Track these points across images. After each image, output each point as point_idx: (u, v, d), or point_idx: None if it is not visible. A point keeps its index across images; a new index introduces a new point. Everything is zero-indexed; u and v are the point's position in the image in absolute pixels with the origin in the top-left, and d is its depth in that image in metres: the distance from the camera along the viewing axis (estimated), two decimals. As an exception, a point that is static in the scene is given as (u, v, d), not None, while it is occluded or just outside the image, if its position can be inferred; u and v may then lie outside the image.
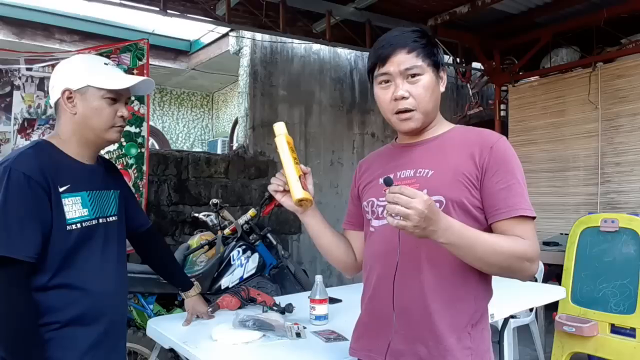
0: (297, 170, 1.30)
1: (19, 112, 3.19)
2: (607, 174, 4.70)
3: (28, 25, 5.60)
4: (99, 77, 1.38)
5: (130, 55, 3.43)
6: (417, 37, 1.22)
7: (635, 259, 2.95)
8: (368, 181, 1.37)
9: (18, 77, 3.17)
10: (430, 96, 1.22)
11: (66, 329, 1.32)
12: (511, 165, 1.17)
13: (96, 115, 1.38)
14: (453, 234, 1.05)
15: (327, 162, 5.56)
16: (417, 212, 0.98)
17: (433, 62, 1.23)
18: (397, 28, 1.29)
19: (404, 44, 1.21)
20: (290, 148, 1.33)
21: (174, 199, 4.42)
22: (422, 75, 1.21)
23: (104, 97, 1.39)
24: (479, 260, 1.11)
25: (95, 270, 1.39)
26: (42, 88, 3.23)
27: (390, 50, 1.21)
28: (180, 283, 1.91)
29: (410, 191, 1.00)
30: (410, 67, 1.20)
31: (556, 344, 3.21)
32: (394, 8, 4.56)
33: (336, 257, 1.43)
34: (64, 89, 1.37)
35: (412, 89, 1.21)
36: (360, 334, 1.33)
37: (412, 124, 1.24)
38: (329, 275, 5.23)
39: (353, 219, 1.45)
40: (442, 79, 1.27)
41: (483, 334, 1.22)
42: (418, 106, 1.21)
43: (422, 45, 1.22)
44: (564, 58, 5.19)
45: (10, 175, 1.24)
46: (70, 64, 1.43)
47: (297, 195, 1.27)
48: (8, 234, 1.22)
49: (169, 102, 8.54)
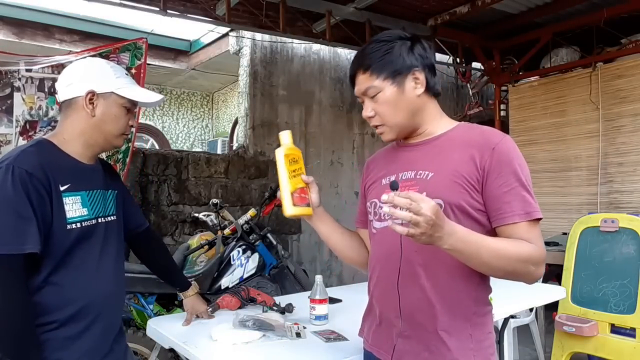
0: (292, 184, 1.31)
1: (20, 114, 3.16)
2: (610, 174, 4.70)
3: (28, 25, 5.60)
4: (123, 86, 1.42)
5: (129, 55, 3.43)
6: (372, 51, 1.22)
7: (635, 259, 2.95)
8: (372, 181, 1.37)
9: (18, 79, 3.14)
10: (394, 109, 1.22)
11: (63, 328, 1.32)
12: (514, 167, 1.14)
13: (113, 122, 1.42)
14: (458, 240, 1.03)
15: (327, 162, 5.55)
16: (426, 219, 0.96)
17: (391, 73, 1.20)
18: (369, 40, 1.29)
19: (359, 65, 1.24)
20: (289, 160, 1.34)
21: (174, 199, 4.42)
22: (380, 93, 1.22)
23: (124, 105, 1.43)
24: (484, 265, 1.10)
25: (93, 270, 1.39)
26: (42, 89, 3.21)
27: (352, 72, 1.26)
28: (178, 283, 1.91)
29: (417, 197, 0.98)
30: (366, 89, 1.23)
31: (556, 344, 3.21)
32: (393, 8, 4.56)
33: (349, 256, 1.45)
34: (88, 90, 1.38)
35: (376, 107, 1.24)
36: (370, 329, 1.34)
37: (387, 136, 1.27)
38: (329, 275, 5.23)
39: (363, 217, 1.44)
40: (416, 81, 1.22)
41: (486, 335, 1.21)
42: (385, 121, 1.24)
43: (378, 59, 1.21)
44: (564, 58, 5.19)
45: (13, 172, 1.24)
46: (96, 66, 1.44)
47: (287, 212, 1.30)
48: (9, 231, 1.22)
49: (168, 102, 8.53)
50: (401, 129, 1.25)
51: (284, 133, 1.38)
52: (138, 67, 3.47)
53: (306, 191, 1.35)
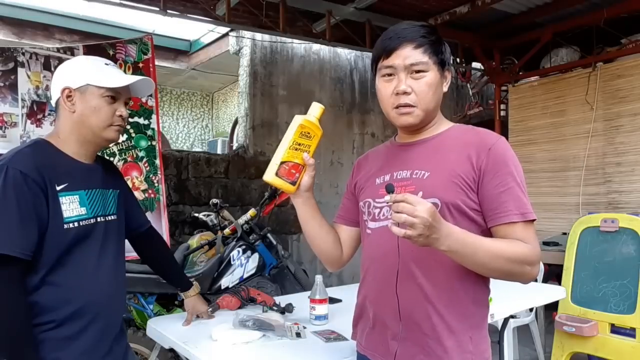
0: (288, 155, 1.25)
1: (25, 92, 3.03)
2: (608, 174, 4.71)
3: (28, 25, 5.61)
4: (98, 76, 1.39)
5: (136, 48, 3.42)
6: (426, 32, 1.19)
7: (635, 259, 2.95)
8: (365, 180, 1.35)
9: (21, 53, 3.01)
10: (433, 94, 1.20)
11: (61, 328, 1.31)
12: (510, 168, 1.14)
13: (95, 114, 1.39)
14: (454, 241, 1.03)
15: (327, 162, 5.56)
16: (423, 221, 0.97)
17: (439, 60, 1.20)
18: (406, 22, 1.24)
19: (411, 38, 1.18)
20: (302, 132, 1.27)
21: (174, 199, 4.42)
22: (427, 72, 1.18)
23: (103, 95, 1.40)
24: (480, 266, 1.10)
25: (92, 270, 1.38)
26: (48, 68, 3.08)
27: (397, 42, 1.18)
28: (179, 283, 1.91)
29: (414, 199, 0.98)
30: (416, 63, 1.17)
31: (556, 344, 3.21)
32: (393, 8, 4.56)
33: (321, 248, 1.40)
34: (63, 87, 1.38)
35: (415, 84, 1.18)
36: (364, 332, 1.32)
37: (411, 119, 1.21)
38: (329, 275, 5.22)
39: (345, 213, 1.43)
40: (446, 79, 1.24)
41: (484, 339, 1.21)
42: (419, 103, 1.19)
43: (431, 41, 1.19)
44: (564, 58, 5.20)
45: (7, 173, 1.24)
46: (71, 63, 1.45)
47: (266, 176, 1.25)
48: (4, 232, 1.22)
49: (169, 102, 8.54)
50: (426, 116, 1.23)
51: (316, 105, 1.31)
52: (146, 62, 3.44)
53: (299, 169, 1.29)
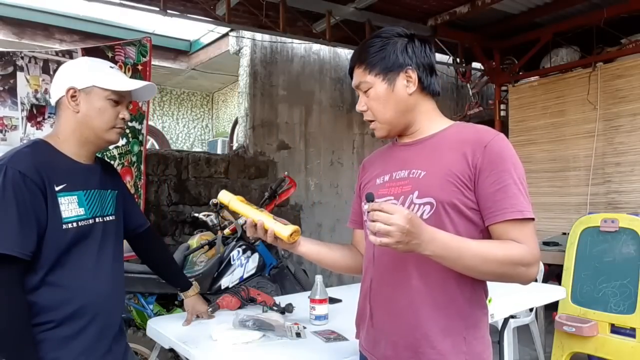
0: (267, 215, 1.31)
1: (25, 95, 3.05)
2: (608, 174, 4.71)
3: (28, 25, 5.60)
4: (105, 78, 1.40)
5: (135, 50, 3.43)
6: (369, 46, 1.24)
7: (635, 259, 2.95)
8: (367, 181, 1.36)
9: (20, 57, 3.04)
10: (384, 106, 1.23)
11: (60, 328, 1.32)
12: (507, 165, 1.12)
13: (99, 115, 1.40)
14: (438, 247, 1.03)
15: (327, 162, 5.56)
16: (399, 228, 0.97)
17: (383, 70, 1.21)
18: (368, 38, 1.30)
19: (355, 60, 1.27)
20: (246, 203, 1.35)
21: (174, 199, 4.42)
22: (372, 88, 1.24)
23: (108, 97, 1.40)
24: (470, 270, 1.09)
25: (91, 270, 1.38)
26: (47, 71, 3.11)
27: (350, 66, 1.29)
28: (179, 283, 1.91)
29: (389, 207, 0.99)
30: (359, 84, 1.26)
31: (556, 344, 3.21)
32: (393, 8, 4.56)
33: (343, 267, 1.44)
34: (69, 87, 1.38)
35: (367, 102, 1.26)
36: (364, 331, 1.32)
37: (379, 133, 1.28)
38: (329, 275, 5.22)
39: (356, 217, 1.44)
40: (410, 79, 1.21)
41: (481, 339, 1.19)
42: (376, 117, 1.26)
43: (372, 54, 1.22)
44: (564, 58, 5.20)
45: (6, 173, 1.24)
46: (77, 64, 1.45)
47: (285, 232, 1.27)
48: (3, 232, 1.22)
49: (169, 102, 8.53)
50: (392, 127, 1.26)
51: (223, 193, 1.39)
52: (144, 64, 3.46)
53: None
